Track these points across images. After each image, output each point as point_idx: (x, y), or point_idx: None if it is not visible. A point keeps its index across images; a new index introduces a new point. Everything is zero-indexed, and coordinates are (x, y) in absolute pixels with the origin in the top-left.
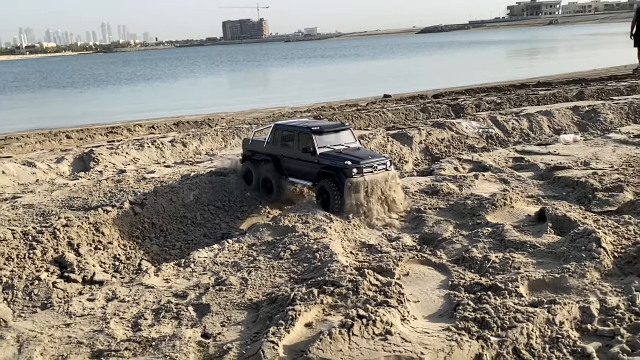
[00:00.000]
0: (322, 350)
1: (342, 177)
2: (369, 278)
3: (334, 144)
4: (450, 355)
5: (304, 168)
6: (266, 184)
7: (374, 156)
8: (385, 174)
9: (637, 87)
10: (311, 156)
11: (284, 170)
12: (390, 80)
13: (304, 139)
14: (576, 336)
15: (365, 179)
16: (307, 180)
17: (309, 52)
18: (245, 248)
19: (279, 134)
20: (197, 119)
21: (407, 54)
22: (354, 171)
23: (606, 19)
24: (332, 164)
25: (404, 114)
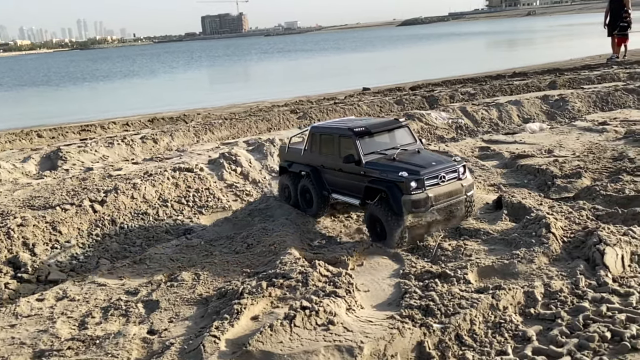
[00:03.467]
0: (262, 342)
1: (397, 194)
2: (319, 269)
3: (385, 147)
4: (390, 343)
5: (348, 181)
6: (304, 195)
7: (440, 161)
8: (457, 185)
9: (607, 75)
10: (355, 166)
11: (325, 183)
12: (370, 73)
13: (345, 143)
14: (519, 320)
15: (429, 195)
16: (353, 198)
17: (289, 45)
18: (203, 243)
19: (317, 139)
20: (173, 115)
21: (387, 46)
22: (412, 185)
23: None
24: (382, 176)
25: (378, 106)
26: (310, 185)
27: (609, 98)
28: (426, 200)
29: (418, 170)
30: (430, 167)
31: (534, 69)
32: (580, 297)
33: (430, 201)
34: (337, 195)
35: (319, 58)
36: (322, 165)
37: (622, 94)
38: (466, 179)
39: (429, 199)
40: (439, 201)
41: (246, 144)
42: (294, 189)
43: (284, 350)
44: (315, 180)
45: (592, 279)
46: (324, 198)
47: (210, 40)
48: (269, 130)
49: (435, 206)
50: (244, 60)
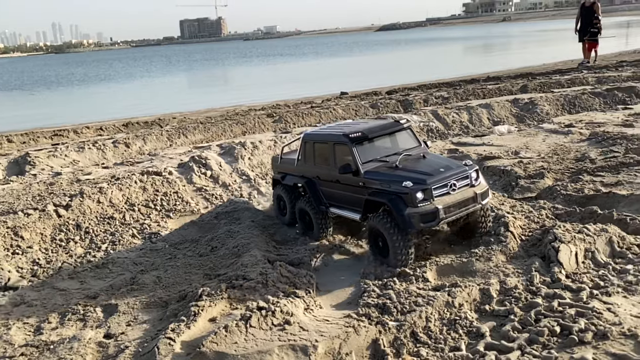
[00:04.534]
0: (216, 343)
1: (401, 208)
2: (279, 270)
3: (386, 153)
4: (345, 341)
5: (346, 194)
6: (303, 217)
7: (449, 166)
8: (470, 193)
9: (577, 79)
10: (353, 177)
11: (322, 197)
12: (348, 77)
13: (340, 151)
14: (474, 317)
15: (438, 206)
16: (353, 212)
17: (268, 50)
18: (168, 247)
19: (310, 148)
20: (148, 119)
21: (365, 51)
22: (418, 196)
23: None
24: (383, 186)
25: (353, 110)
26: (306, 205)
27: (576, 101)
28: (435, 213)
29: (424, 179)
30: (438, 174)
31: (507, 74)
32: (534, 293)
33: (440, 214)
34: (336, 210)
35: (298, 62)
36: (317, 177)
37: (588, 97)
38: (480, 185)
39: (438, 212)
40: (450, 213)
41: (219, 147)
42: (290, 203)
43: (238, 351)
44: (311, 193)
45: (547, 275)
46: (323, 215)
47: (189, 45)
48: (243, 134)
49: (446, 219)
50: (223, 65)
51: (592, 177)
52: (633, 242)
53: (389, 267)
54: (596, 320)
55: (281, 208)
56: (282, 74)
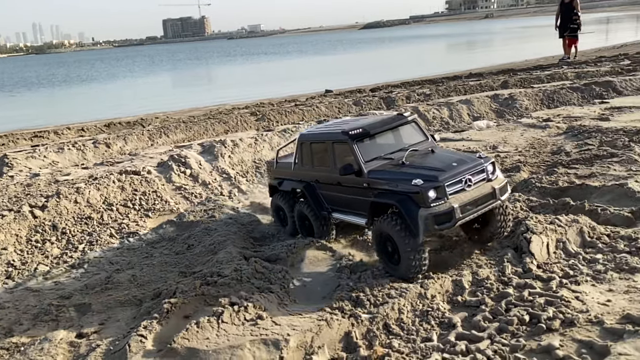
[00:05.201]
0: (188, 339)
1: (412, 209)
2: (254, 266)
3: (391, 150)
4: (317, 335)
5: (349, 197)
6: (303, 222)
7: (463, 160)
8: (488, 188)
9: (556, 75)
10: (356, 177)
11: (323, 202)
12: (333, 76)
13: (340, 151)
14: (446, 308)
15: (453, 205)
16: (358, 217)
17: (253, 48)
18: (145, 245)
19: (307, 149)
20: (131, 120)
21: (349, 49)
22: (430, 194)
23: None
24: (390, 186)
25: (336, 107)
26: (305, 208)
27: (555, 96)
28: (451, 213)
29: (436, 175)
30: (450, 169)
31: (489, 70)
32: (506, 283)
33: (457, 213)
34: (339, 215)
35: (283, 61)
36: (316, 180)
37: (567, 92)
38: (497, 179)
39: (454, 212)
40: (467, 212)
41: (201, 146)
42: (290, 211)
43: (210, 346)
44: (311, 198)
45: (519, 266)
46: (324, 220)
47: (172, 44)
48: (226, 133)
49: (463, 219)
50: (207, 64)
51: (567, 170)
52: (603, 232)
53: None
54: (564, 308)
55: (281, 218)
56: (267, 72)
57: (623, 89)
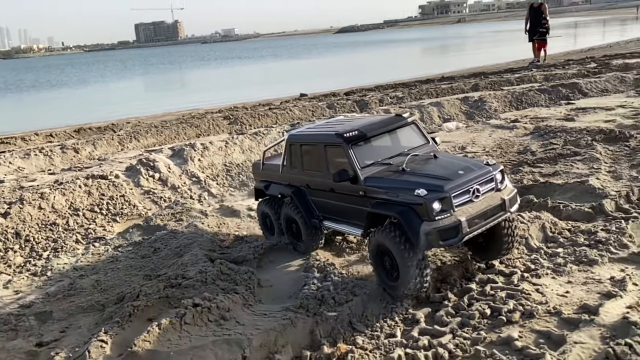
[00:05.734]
0: (149, 342)
1: (414, 222)
2: (219, 267)
3: (389, 154)
4: (281, 334)
5: (343, 205)
6: (291, 227)
7: (469, 167)
8: (496, 199)
9: (526, 77)
10: (351, 185)
11: (313, 209)
12: (307, 80)
13: (334, 154)
14: (410, 304)
15: (460, 218)
16: (352, 226)
17: (227, 52)
18: (111, 250)
19: (297, 151)
20: (101, 125)
21: (324, 53)
22: (435, 206)
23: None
24: (390, 196)
25: (310, 111)
26: (294, 213)
27: (523, 98)
28: (457, 228)
29: (441, 185)
30: (457, 177)
31: (461, 73)
32: (469, 279)
33: (463, 227)
34: (331, 224)
35: (257, 65)
36: (307, 185)
37: (535, 93)
38: (506, 188)
39: (461, 226)
40: (474, 226)
41: (171, 150)
42: (277, 219)
43: (172, 348)
44: (301, 205)
45: (482, 262)
46: (315, 229)
47: (144, 49)
48: (197, 137)
49: (470, 234)
50: (180, 68)
51: (532, 168)
52: (564, 227)
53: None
54: (524, 300)
55: (268, 226)
56: (241, 76)
57: (588, 91)
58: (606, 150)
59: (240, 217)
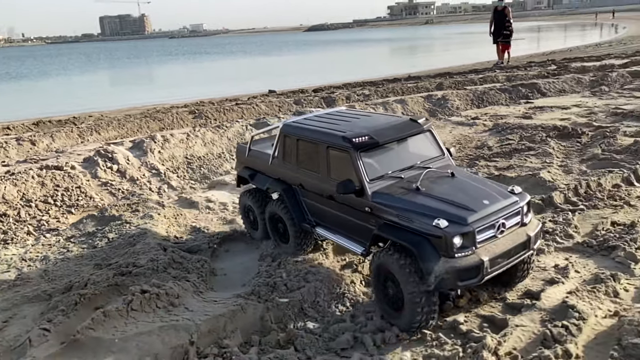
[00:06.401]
0: (93, 329)
1: (429, 256)
2: (171, 255)
3: (399, 165)
4: (231, 319)
5: (343, 217)
6: (276, 225)
7: (494, 196)
8: (522, 236)
9: (489, 78)
10: (356, 198)
11: (305, 212)
12: (277, 76)
13: (337, 159)
14: (363, 290)
15: (482, 258)
16: (352, 242)
17: (195, 48)
18: (62, 241)
19: (292, 145)
20: (62, 118)
21: (294, 51)
22: (456, 242)
23: (474, 19)
24: (402, 220)
25: (277, 106)
26: (282, 213)
27: (484, 96)
28: (479, 268)
29: (464, 217)
30: (481, 208)
31: (427, 73)
32: None
33: (485, 268)
34: (325, 233)
35: (226, 61)
36: (300, 185)
37: (496, 92)
38: (531, 222)
39: (482, 267)
40: (496, 266)
41: (132, 143)
42: (261, 213)
43: (116, 335)
44: (291, 205)
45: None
46: (304, 233)
47: (110, 42)
48: (161, 130)
49: (491, 274)
50: (147, 63)
51: (487, 162)
52: None
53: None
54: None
55: (251, 221)
56: (209, 72)
57: (547, 91)
58: (559, 145)
59: (198, 208)
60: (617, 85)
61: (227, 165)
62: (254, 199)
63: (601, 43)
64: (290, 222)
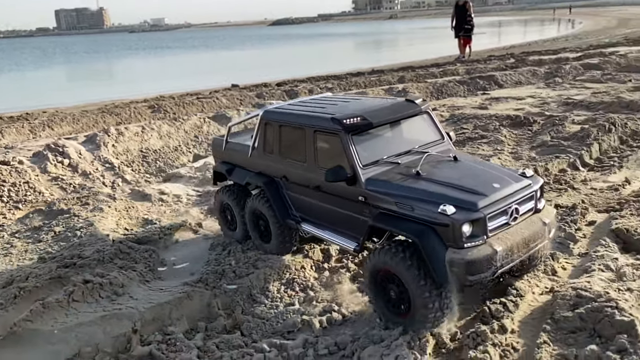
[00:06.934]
0: (31, 321)
1: (436, 249)
2: (118, 246)
3: (395, 150)
4: (177, 307)
5: (333, 209)
6: (257, 223)
7: (504, 179)
8: (537, 225)
9: (449, 71)
10: (347, 186)
11: (290, 207)
12: (241, 71)
13: (326, 144)
14: (312, 275)
15: (495, 248)
16: (342, 236)
17: (156, 42)
18: (7, 236)
19: (274, 132)
20: (14, 114)
21: (258, 45)
22: (465, 230)
23: (437, 13)
24: (402, 208)
25: (238, 99)
26: (264, 208)
27: (443, 88)
28: (491, 260)
29: (474, 202)
30: (492, 192)
31: (391, 67)
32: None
33: (498, 260)
34: (312, 228)
35: (188, 55)
36: (284, 177)
37: (454, 85)
38: (545, 208)
39: (495, 257)
40: (509, 257)
41: (86, 137)
42: (240, 211)
43: (56, 326)
44: (274, 201)
45: None
46: (289, 231)
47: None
48: (117, 124)
49: (503, 268)
50: (106, 58)
51: None
52: None
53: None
54: None
55: (228, 220)
56: (171, 67)
57: (504, 82)
58: (511, 134)
59: (151, 201)
60: (569, 77)
61: (183, 159)
62: (233, 196)
63: (558, 37)
64: (273, 218)
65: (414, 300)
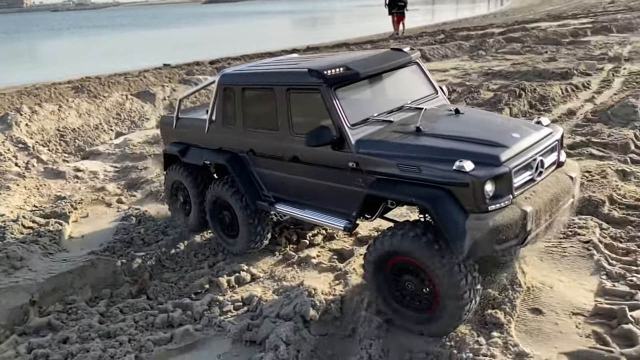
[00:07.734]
0: None
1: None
2: (21, 221)
3: (386, 107)
4: (80, 276)
5: (313, 183)
6: (219, 213)
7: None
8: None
9: (381, 47)
10: (334, 151)
11: (260, 186)
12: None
13: (301, 104)
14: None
15: (527, 210)
16: (329, 214)
17: (82, 21)
18: None
19: (235, 98)
20: None
21: (193, 23)
22: (488, 189)
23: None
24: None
25: (167, 77)
26: (227, 194)
27: None
28: (521, 224)
29: (495, 154)
30: (513, 142)
31: (326, 45)
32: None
33: (529, 223)
34: (289, 209)
35: (116, 35)
36: (251, 151)
37: None
38: (567, 162)
39: (527, 221)
40: (541, 219)
41: None
42: (197, 196)
43: None
44: (240, 180)
45: None
46: (260, 215)
47: None
48: None
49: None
50: (27, 39)
51: None
52: None
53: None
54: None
55: (181, 202)
56: (98, 47)
57: (431, 57)
58: None
59: (65, 178)
60: (492, 50)
61: (105, 137)
62: (188, 175)
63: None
64: (239, 203)
65: (445, 292)
